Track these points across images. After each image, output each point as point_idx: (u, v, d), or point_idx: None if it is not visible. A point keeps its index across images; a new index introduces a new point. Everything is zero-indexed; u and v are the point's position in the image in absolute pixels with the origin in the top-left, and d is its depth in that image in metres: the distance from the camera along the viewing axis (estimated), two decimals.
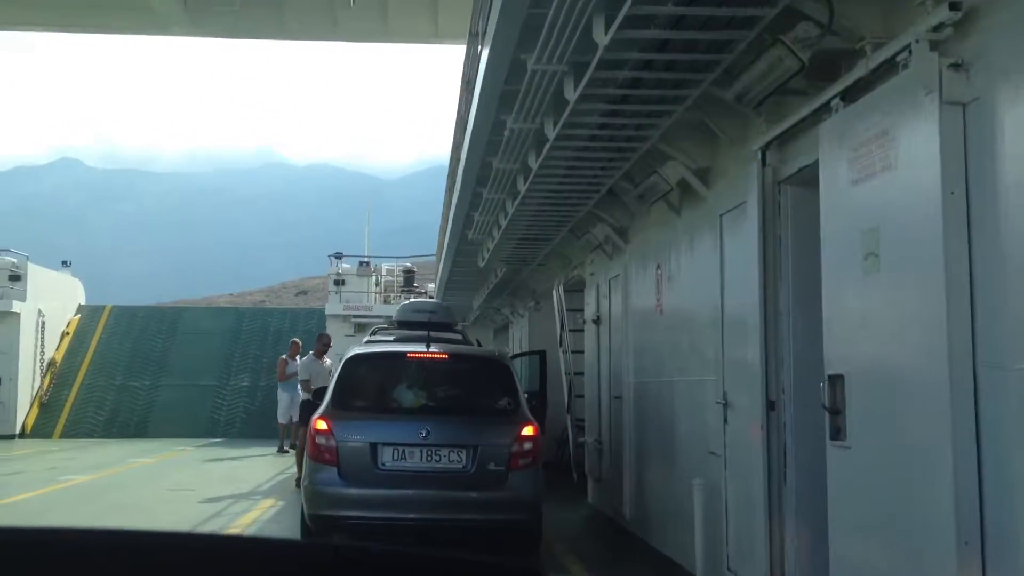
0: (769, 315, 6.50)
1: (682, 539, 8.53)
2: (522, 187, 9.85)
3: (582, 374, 13.57)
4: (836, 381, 5.27)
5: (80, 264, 33.74)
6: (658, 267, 9.79)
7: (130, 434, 26.42)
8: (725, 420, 7.56)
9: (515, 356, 18.93)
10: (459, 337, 11.40)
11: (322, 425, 8.78)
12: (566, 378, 13.66)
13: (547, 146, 8.11)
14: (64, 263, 31.35)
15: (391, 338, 11.00)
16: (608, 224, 11.15)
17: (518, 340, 21.54)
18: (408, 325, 11.37)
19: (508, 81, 7.34)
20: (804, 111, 5.82)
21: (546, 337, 16.06)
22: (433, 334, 9.81)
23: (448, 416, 9.18)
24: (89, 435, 26.52)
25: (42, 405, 27.50)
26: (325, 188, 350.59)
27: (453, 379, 9.82)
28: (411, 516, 8.57)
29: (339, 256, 30.16)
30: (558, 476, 13.80)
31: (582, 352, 13.61)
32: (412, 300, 18.17)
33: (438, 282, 23.71)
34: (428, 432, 8.63)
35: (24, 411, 26.79)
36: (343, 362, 9.63)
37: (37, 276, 27.90)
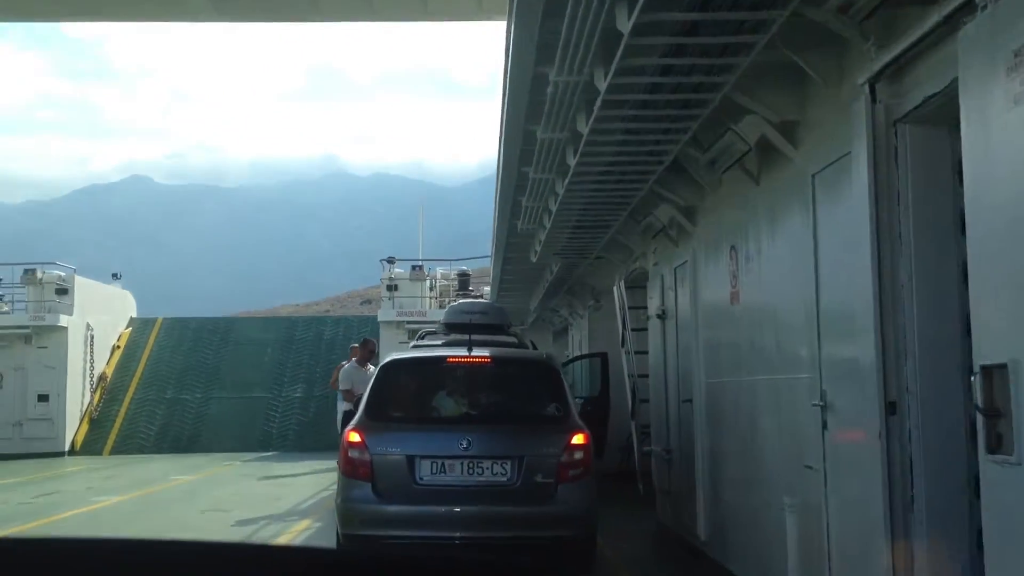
0: (885, 292, 5.09)
1: (770, 566, 7.33)
2: (572, 161, 8.52)
3: (647, 376, 12.27)
4: (995, 373, 3.85)
5: (153, 279, 33.58)
6: (732, 249, 8.48)
7: (181, 449, 25.66)
8: (824, 426, 6.21)
9: (575, 359, 17.83)
10: (513, 340, 10.30)
11: (355, 437, 8.08)
12: (629, 381, 12.39)
13: (598, 102, 6.75)
14: (114, 276, 30.78)
15: (439, 342, 9.93)
16: (673, 204, 9.75)
17: (578, 342, 20.43)
18: (456, 327, 10.27)
19: (547, 15, 6.00)
20: (934, 18, 4.41)
21: (608, 338, 15.03)
22: (484, 337, 9.11)
23: (491, 425, 8.44)
24: (140, 451, 25.83)
25: (92, 421, 26.87)
26: (389, 198, 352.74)
27: (497, 384, 9.11)
28: (452, 535, 7.96)
29: (391, 260, 29.05)
30: (622, 488, 12.66)
31: (647, 353, 12.30)
32: (461, 301, 16.94)
33: (492, 283, 22.54)
34: (470, 443, 7.91)
35: (73, 427, 26.16)
36: (378, 369, 9.03)
37: (85, 289, 27.36)
